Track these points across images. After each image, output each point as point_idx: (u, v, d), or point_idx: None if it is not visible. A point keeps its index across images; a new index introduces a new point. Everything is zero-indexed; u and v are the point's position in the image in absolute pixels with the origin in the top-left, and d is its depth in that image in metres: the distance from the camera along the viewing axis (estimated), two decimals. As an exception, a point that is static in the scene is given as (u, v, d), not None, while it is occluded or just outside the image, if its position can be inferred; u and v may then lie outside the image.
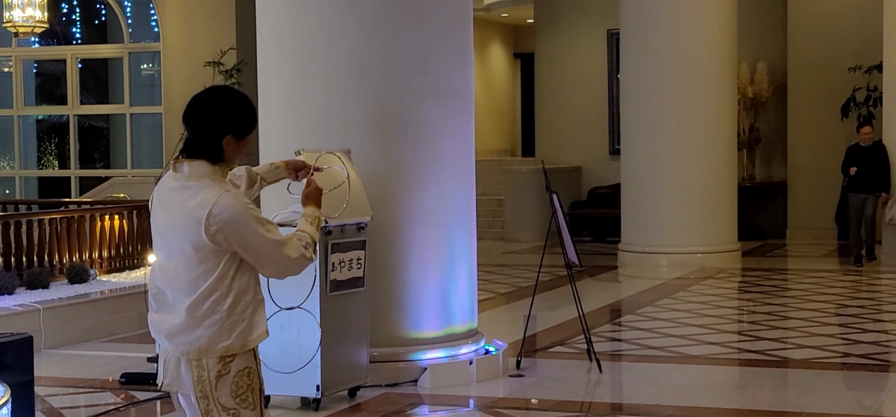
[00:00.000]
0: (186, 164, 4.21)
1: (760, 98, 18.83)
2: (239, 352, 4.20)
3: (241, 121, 4.26)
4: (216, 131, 4.20)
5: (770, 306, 12.27)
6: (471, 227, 8.85)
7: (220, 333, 4.17)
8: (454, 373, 8.40)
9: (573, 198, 19.81)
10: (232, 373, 4.19)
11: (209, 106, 4.23)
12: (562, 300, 11.95)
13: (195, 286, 4.17)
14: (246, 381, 4.23)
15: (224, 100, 4.27)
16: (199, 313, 4.17)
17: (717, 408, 7.78)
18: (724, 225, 15.71)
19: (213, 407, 4.19)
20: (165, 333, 4.24)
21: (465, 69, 8.78)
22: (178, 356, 4.22)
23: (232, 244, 4.15)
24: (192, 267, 4.17)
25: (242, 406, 4.21)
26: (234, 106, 4.26)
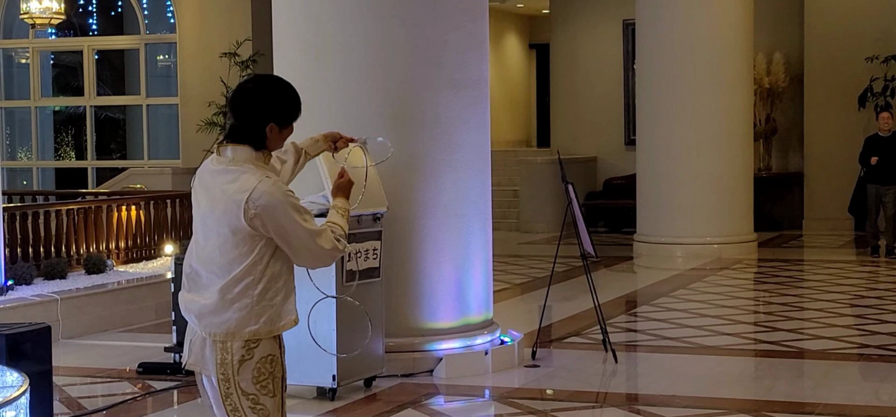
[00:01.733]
0: (230, 149, 4.27)
1: (777, 88, 18.78)
2: (264, 338, 4.23)
3: (285, 109, 4.33)
4: (260, 118, 4.27)
5: (786, 297, 12.26)
6: (486, 218, 8.85)
7: (248, 317, 4.21)
8: (470, 364, 8.41)
9: (588, 189, 19.80)
10: (255, 359, 4.22)
11: (254, 94, 4.30)
12: (577, 290, 11.95)
13: (229, 269, 4.22)
14: (268, 368, 4.25)
15: (269, 89, 4.34)
16: (230, 296, 4.21)
17: (733, 399, 7.77)
18: (740, 215, 15.68)
19: (234, 391, 4.23)
20: (195, 313, 4.28)
21: (480, 60, 8.78)
22: (205, 336, 4.26)
23: (268, 229, 4.19)
24: (227, 249, 4.22)
25: (262, 392, 4.24)
26: (278, 95, 4.34)
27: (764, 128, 18.75)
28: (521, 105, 24.96)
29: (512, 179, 20.36)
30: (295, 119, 4.38)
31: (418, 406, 7.57)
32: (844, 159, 17.32)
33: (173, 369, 8.69)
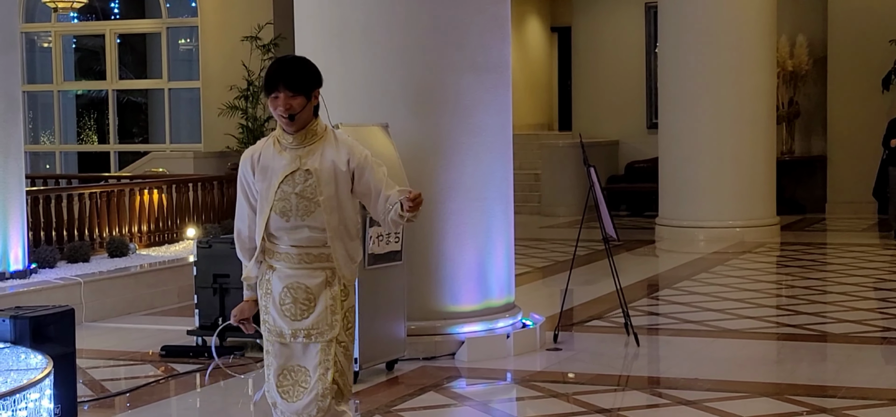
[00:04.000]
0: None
1: (800, 71, 18.69)
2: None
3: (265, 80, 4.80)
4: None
5: (809, 280, 12.21)
6: (508, 201, 8.85)
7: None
8: (491, 347, 8.41)
9: (610, 173, 19.76)
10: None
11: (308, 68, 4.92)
12: (599, 274, 11.94)
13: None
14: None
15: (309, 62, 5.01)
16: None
17: (755, 382, 7.75)
18: (763, 199, 15.62)
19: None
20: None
21: (502, 43, 8.76)
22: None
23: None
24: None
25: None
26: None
27: (787, 111, 18.67)
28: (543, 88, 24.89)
29: (534, 163, 20.32)
30: (266, 89, 4.76)
31: (440, 389, 7.58)
32: (868, 142, 17.23)
33: (196, 352, 8.73)
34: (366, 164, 4.83)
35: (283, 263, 4.79)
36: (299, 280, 4.78)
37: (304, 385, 4.76)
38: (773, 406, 7.08)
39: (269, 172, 4.79)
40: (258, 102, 17.04)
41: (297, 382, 4.77)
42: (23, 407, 4.60)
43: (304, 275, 4.78)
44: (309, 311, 4.77)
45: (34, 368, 5.02)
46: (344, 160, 4.81)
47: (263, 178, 4.79)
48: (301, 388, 4.76)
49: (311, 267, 4.78)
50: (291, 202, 4.75)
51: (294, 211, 4.75)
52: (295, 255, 4.78)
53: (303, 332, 4.76)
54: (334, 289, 4.80)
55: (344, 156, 4.82)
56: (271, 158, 4.81)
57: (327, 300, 4.78)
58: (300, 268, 4.79)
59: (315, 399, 4.74)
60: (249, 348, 8.78)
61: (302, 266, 4.78)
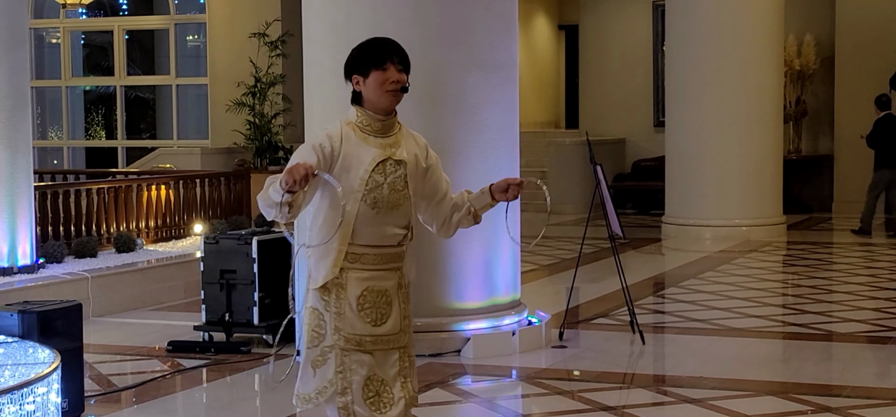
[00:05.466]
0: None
1: (807, 71, 18.68)
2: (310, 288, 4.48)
3: (356, 56, 4.67)
4: (346, 76, 4.69)
5: (815, 279, 12.21)
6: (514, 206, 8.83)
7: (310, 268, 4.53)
8: (497, 344, 8.43)
9: (617, 171, 19.77)
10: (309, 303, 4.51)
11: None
12: (605, 272, 11.95)
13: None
14: (309, 320, 4.48)
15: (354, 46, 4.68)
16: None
17: (761, 381, 7.75)
18: (770, 198, 15.62)
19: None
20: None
21: (509, 40, 8.77)
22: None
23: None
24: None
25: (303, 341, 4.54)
26: (355, 49, 4.66)
27: (794, 110, 18.66)
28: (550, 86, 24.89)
29: (540, 160, 20.32)
30: (373, 63, 4.57)
31: (446, 385, 7.60)
32: (876, 142, 17.21)
33: (203, 347, 8.75)
34: (437, 163, 4.74)
35: (359, 264, 4.44)
36: (376, 282, 4.48)
37: (387, 396, 4.48)
38: (778, 404, 7.09)
39: (355, 161, 4.46)
40: (266, 99, 17.08)
41: (380, 393, 4.47)
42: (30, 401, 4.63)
43: (380, 277, 4.49)
44: (387, 316, 4.52)
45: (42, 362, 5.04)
46: (423, 154, 4.67)
47: (347, 168, 4.44)
48: (385, 400, 4.47)
49: (387, 268, 4.52)
50: (383, 192, 4.46)
51: (384, 203, 4.47)
52: (372, 256, 4.47)
53: (383, 339, 4.50)
54: (403, 292, 4.61)
55: (422, 151, 4.68)
56: (355, 146, 4.49)
57: (400, 303, 4.58)
58: (377, 269, 4.48)
59: (405, 410, 4.51)
60: (256, 344, 8.81)
61: (378, 267, 4.49)
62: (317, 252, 4.40)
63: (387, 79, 4.51)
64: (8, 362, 5.06)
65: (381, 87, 4.52)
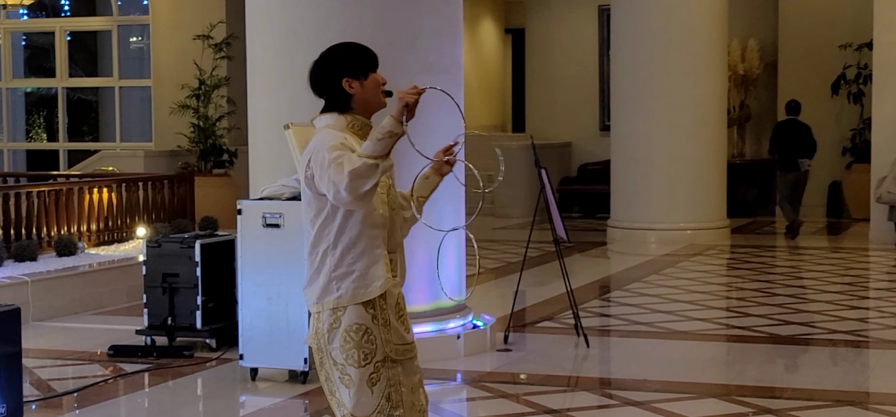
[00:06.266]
0: (317, 119, 4.30)
1: (751, 75, 18.85)
2: (350, 305, 4.16)
3: (353, 59, 4.34)
4: (332, 78, 4.30)
5: (758, 283, 12.31)
6: (460, 202, 8.85)
7: (329, 284, 4.17)
8: (442, 347, 8.42)
9: (563, 174, 19.83)
10: (342, 327, 4.16)
11: (321, 60, 4.35)
12: (550, 275, 11.98)
13: (310, 237, 4.22)
14: (354, 337, 4.16)
15: (334, 50, 4.37)
16: (314, 264, 4.20)
17: (705, 383, 7.81)
18: (714, 201, 15.74)
19: (326, 360, 4.21)
20: (303, 286, 4.29)
21: (454, 44, 8.77)
22: (309, 308, 4.27)
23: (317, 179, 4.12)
24: (305, 216, 4.25)
25: (348, 362, 4.16)
26: (343, 50, 4.37)
27: (738, 114, 18.82)
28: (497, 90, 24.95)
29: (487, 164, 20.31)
30: (369, 66, 4.34)
31: (390, 389, 7.56)
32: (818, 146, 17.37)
33: (144, 352, 8.67)
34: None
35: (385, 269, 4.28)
36: (398, 288, 4.35)
37: (419, 405, 4.37)
38: (721, 406, 7.13)
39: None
40: (210, 101, 16.96)
41: (414, 404, 4.35)
42: (-35, 407, 4.55)
43: (398, 283, 4.36)
44: (409, 323, 4.39)
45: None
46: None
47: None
48: (418, 408, 4.36)
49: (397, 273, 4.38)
50: (392, 194, 4.46)
51: (395, 205, 4.46)
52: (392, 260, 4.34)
53: (412, 347, 4.37)
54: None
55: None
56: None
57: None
58: (395, 275, 4.35)
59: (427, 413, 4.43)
60: (199, 348, 8.73)
61: (395, 271, 4.35)
62: (360, 261, 4.17)
63: (378, 86, 4.41)
64: (-57, 368, 4.97)
65: (378, 88, 4.41)
